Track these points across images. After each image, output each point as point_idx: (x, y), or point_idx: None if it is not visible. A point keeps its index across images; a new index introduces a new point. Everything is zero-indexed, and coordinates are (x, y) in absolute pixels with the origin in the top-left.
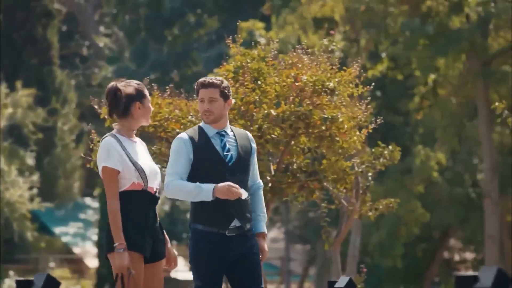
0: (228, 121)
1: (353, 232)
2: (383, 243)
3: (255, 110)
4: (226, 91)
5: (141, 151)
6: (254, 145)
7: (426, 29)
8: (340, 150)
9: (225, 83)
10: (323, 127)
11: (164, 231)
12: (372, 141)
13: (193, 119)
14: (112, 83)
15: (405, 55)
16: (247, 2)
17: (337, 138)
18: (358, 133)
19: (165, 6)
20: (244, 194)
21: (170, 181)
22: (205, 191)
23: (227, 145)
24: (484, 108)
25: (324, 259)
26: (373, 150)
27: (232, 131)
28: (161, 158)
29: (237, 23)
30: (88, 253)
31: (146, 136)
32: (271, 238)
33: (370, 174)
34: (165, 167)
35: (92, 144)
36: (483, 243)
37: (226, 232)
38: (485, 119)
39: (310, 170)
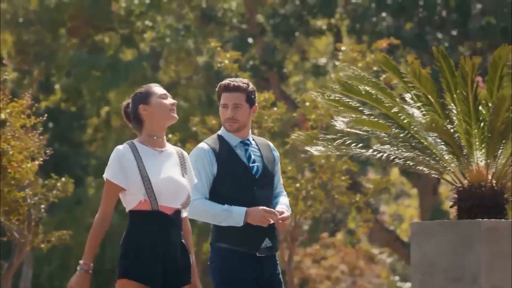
0: (250, 129)
1: (25, 265)
2: (54, 275)
3: None
4: (252, 96)
5: (164, 162)
6: (276, 154)
7: (96, 61)
8: (12, 181)
9: (251, 86)
10: None
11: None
12: (45, 172)
13: None
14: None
15: (77, 87)
16: None
17: (9, 170)
18: (30, 163)
19: None
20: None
21: (192, 201)
22: (235, 216)
23: (252, 156)
24: None
25: None
26: (46, 182)
27: (253, 140)
28: None
29: None
30: None
31: None
32: None
33: (42, 206)
34: None
35: None
36: None
37: (257, 253)
38: None
39: None
